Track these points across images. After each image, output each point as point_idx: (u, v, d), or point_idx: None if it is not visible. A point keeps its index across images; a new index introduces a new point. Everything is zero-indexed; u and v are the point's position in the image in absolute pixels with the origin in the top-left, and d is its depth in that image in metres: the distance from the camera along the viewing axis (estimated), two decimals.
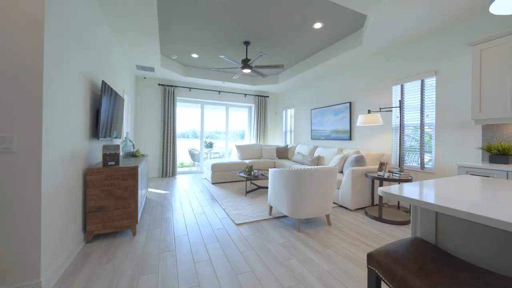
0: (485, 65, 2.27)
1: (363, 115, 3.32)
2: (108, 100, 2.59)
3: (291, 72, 5.22)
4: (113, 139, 3.32)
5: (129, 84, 4.52)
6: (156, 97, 5.61)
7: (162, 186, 4.59)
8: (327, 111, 4.84)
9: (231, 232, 2.41)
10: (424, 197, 0.87)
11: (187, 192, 4.13)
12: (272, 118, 7.14)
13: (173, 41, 3.97)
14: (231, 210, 3.07)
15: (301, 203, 2.41)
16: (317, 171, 2.39)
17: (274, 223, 2.68)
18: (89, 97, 2.27)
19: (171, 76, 5.39)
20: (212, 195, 3.87)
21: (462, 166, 2.23)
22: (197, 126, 6.47)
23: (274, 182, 2.68)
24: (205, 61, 4.93)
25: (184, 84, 5.92)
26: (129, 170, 2.24)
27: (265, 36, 3.71)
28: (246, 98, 6.70)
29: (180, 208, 3.21)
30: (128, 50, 3.75)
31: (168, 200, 3.57)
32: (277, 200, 2.64)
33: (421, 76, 3.09)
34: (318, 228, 2.53)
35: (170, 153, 5.60)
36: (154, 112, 5.59)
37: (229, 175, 4.91)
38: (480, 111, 2.31)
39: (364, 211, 3.12)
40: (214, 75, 5.64)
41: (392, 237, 2.32)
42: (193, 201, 3.56)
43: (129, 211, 2.24)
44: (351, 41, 3.54)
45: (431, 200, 0.83)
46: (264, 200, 3.54)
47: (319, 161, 4.51)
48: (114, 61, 3.32)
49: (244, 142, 7.38)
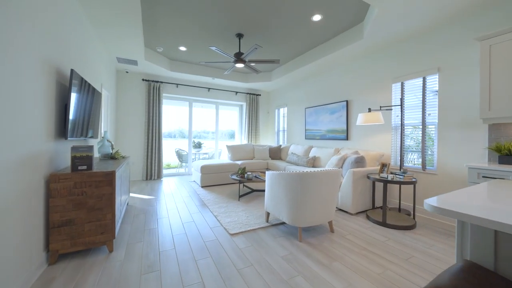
0: (495, 61, 2.15)
1: (364, 114, 3.16)
2: (81, 94, 2.22)
3: (285, 69, 5.01)
4: (88, 139, 2.92)
5: (108, 78, 4.09)
6: (140, 93, 5.18)
7: (146, 190, 4.20)
8: (323, 110, 4.67)
9: (225, 244, 2.13)
10: (496, 216, 0.66)
11: (174, 196, 3.78)
12: (264, 117, 6.90)
13: (158, 32, 3.61)
14: (223, 217, 2.79)
15: (303, 209, 2.18)
16: (321, 174, 2.17)
17: (272, 231, 2.43)
18: (54, 89, 1.90)
19: (156, 71, 4.99)
20: (202, 200, 3.56)
21: (472, 167, 2.10)
22: (185, 126, 6.09)
23: (272, 186, 2.44)
24: (194, 55, 4.59)
25: (170, 80, 5.53)
26: (105, 175, 1.89)
27: (260, 28, 3.45)
28: (237, 96, 6.41)
29: (166, 215, 2.88)
30: (107, 39, 3.35)
31: (152, 207, 3.21)
32: (276, 206, 2.40)
33: (422, 73, 2.97)
34: (321, 237, 2.31)
35: (156, 154, 5.19)
36: (137, 110, 5.16)
37: (220, 178, 4.61)
38: (489, 109, 2.19)
39: (366, 214, 2.95)
40: (204, 70, 5.30)
41: (400, 244, 2.15)
42: (181, 207, 3.23)
43: (104, 224, 1.90)
44: (351, 36, 3.37)
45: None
46: (259, 205, 3.28)
47: (315, 161, 4.32)
48: (89, 51, 2.92)
49: (235, 142, 7.09)
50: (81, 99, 2.25)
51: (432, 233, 2.43)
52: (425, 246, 2.14)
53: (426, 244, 2.17)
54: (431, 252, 2.02)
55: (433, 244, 2.18)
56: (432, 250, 2.07)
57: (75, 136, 2.19)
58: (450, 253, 2.00)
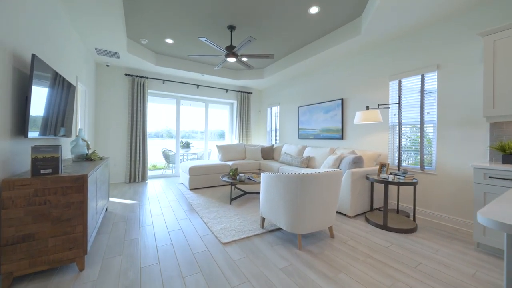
0: (499, 57, 2.08)
1: (362, 112, 3.03)
2: (50, 86, 1.90)
3: (279, 66, 4.83)
4: (60, 138, 2.58)
5: (85, 71, 3.71)
6: (123, 89, 4.79)
7: (129, 194, 3.86)
8: (317, 109, 4.53)
9: (217, 255, 1.90)
10: None
11: (159, 200, 3.48)
12: (256, 116, 6.69)
13: (142, 22, 3.30)
14: (214, 223, 2.55)
15: (303, 215, 1.99)
16: (323, 176, 1.99)
17: (268, 238, 2.22)
18: (10, 77, 1.58)
19: (140, 65, 4.63)
20: (190, 204, 3.29)
21: (478, 167, 2.01)
22: (172, 125, 5.75)
23: (269, 189, 2.23)
24: (182, 48, 4.29)
25: (156, 76, 5.18)
26: (74, 180, 1.60)
27: (253, 20, 3.24)
28: (228, 93, 6.16)
29: (150, 223, 2.59)
30: (84, 27, 3.00)
31: (135, 213, 2.90)
32: (272, 211, 2.19)
33: (421, 70, 2.89)
34: (321, 243, 2.14)
35: (140, 155, 4.83)
36: (120, 107, 4.77)
37: (210, 179, 4.35)
38: (493, 106, 2.11)
39: (365, 217, 2.82)
40: (192, 66, 5.00)
41: (404, 250, 2.02)
42: (167, 212, 2.95)
43: (73, 238, 1.61)
44: (348, 31, 3.24)
45: None
46: (252, 208, 3.07)
47: (309, 162, 4.17)
48: (61, 39, 2.57)
49: (225, 142, 6.83)
50: (50, 92, 1.93)
51: (434, 236, 2.33)
52: (430, 251, 2.02)
53: (430, 249, 2.06)
54: (438, 258, 1.90)
55: (438, 248, 2.07)
56: (438, 255, 1.95)
57: (43, 134, 1.88)
58: (457, 259, 1.89)
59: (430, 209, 2.81)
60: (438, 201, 2.74)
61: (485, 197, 1.98)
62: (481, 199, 2.00)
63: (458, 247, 2.12)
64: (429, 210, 2.82)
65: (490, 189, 1.94)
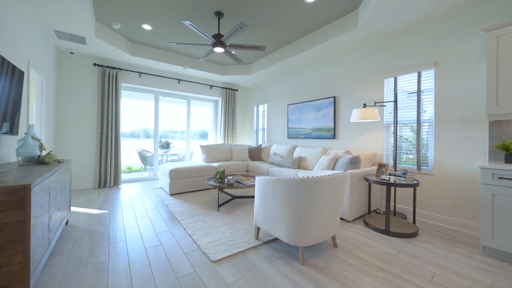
0: (503, 53, 2.01)
1: (359, 110, 2.87)
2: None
3: (268, 61, 4.57)
4: (0, 136, 2.05)
5: (42, 57, 3.11)
6: (91, 81, 4.19)
7: (97, 202, 3.32)
8: (307, 107, 4.35)
9: (207, 279, 1.56)
10: None
11: (135, 209, 3.02)
12: (242, 115, 6.37)
13: (114, 2, 2.83)
14: (201, 236, 2.19)
15: (308, 225, 1.73)
16: (330, 179, 1.75)
17: (265, 252, 1.93)
18: None
19: (112, 54, 4.08)
20: (171, 213, 2.88)
21: (486, 168, 1.91)
22: (150, 124, 5.21)
23: (265, 195, 1.94)
24: (161, 36, 3.84)
25: (132, 67, 4.63)
26: (11, 193, 1.17)
27: (244, 7, 2.93)
28: (213, 90, 5.76)
29: (122, 238, 2.16)
30: (37, 2, 2.46)
31: (104, 226, 2.44)
32: (270, 221, 1.91)
33: (418, 68, 2.81)
34: (325, 255, 1.90)
35: (112, 156, 4.27)
36: (87, 102, 4.16)
37: (193, 183, 3.95)
38: (497, 104, 2.04)
39: (363, 220, 2.66)
40: (174, 58, 4.55)
41: (413, 258, 1.85)
42: (143, 224, 2.52)
43: (9, 272, 1.17)
44: (344, 24, 3.07)
45: None
46: (243, 215, 2.76)
47: (301, 162, 3.97)
48: (4, 12, 2.04)
49: (208, 142, 6.42)
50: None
51: (437, 240, 2.22)
52: (439, 258, 1.88)
53: (438, 255, 1.92)
54: (450, 266, 1.76)
55: (446, 254, 1.94)
56: (449, 263, 1.81)
57: None
58: (468, 266, 1.77)
59: (428, 210, 2.73)
60: (436, 202, 2.66)
61: (493, 198, 1.89)
62: (488, 200, 1.90)
63: (464, 251, 2.01)
64: (426, 211, 2.74)
65: (499, 190, 1.85)
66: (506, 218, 1.82)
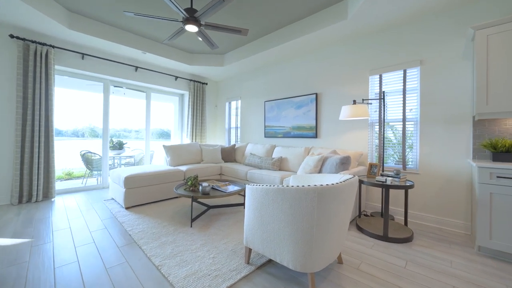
0: (493, 52, 2.01)
1: (349, 107, 2.68)
2: None
3: (244, 53, 4.12)
4: None
5: None
6: (7, 60, 3.08)
7: (13, 225, 2.37)
8: (287, 104, 4.07)
9: None
10: None
11: (73, 233, 2.22)
12: (212, 112, 5.77)
13: None
14: (173, 266, 1.63)
15: (321, 246, 1.37)
16: (345, 187, 1.42)
17: (263, 281, 1.50)
18: None
19: (40, 24, 3.07)
20: (128, 234, 2.20)
21: (483, 167, 1.86)
22: (98, 121, 4.21)
23: (261, 209, 1.51)
24: (114, 7, 3.04)
25: (71, 46, 3.61)
26: None
27: None
28: (178, 82, 5.02)
29: (50, 284, 1.45)
30: None
31: (21, 265, 1.64)
32: (268, 242, 1.49)
33: (403, 65, 2.76)
34: (332, 276, 1.58)
35: (40, 160, 3.22)
36: (1, 88, 3.05)
37: (156, 192, 3.24)
38: (487, 103, 2.04)
39: (356, 225, 2.47)
40: (130, 39, 3.71)
41: (423, 269, 1.68)
42: (86, 256, 1.81)
43: None
44: (331, 15, 2.85)
45: None
46: (224, 230, 2.26)
47: (282, 163, 3.65)
48: None
49: (172, 142, 5.63)
50: None
51: (433, 243, 2.14)
52: (446, 265, 1.75)
53: (444, 262, 1.80)
54: (461, 275, 1.62)
55: (451, 259, 1.83)
56: (459, 270, 1.69)
57: None
58: (476, 271, 1.67)
59: (413, 209, 2.69)
60: (421, 201, 2.64)
61: (492, 198, 1.85)
62: (487, 199, 1.86)
63: (461, 252, 1.95)
64: (411, 210, 2.70)
65: (497, 189, 1.81)
66: (506, 218, 1.79)
